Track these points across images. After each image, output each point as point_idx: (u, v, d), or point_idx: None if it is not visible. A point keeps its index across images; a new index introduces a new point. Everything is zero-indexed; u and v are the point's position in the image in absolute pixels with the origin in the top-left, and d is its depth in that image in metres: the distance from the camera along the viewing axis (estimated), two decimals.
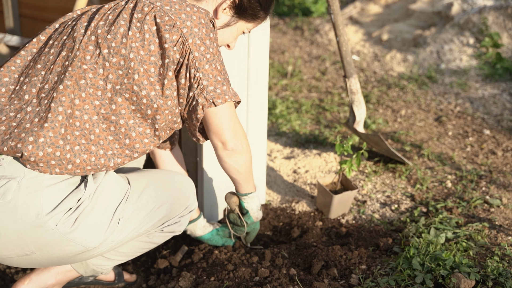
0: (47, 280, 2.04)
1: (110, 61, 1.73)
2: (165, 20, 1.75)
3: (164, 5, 1.78)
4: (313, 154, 3.20)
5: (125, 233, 1.82)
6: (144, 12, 1.76)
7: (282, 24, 6.24)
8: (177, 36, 1.74)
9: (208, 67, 1.78)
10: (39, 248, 1.71)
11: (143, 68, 1.74)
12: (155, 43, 1.75)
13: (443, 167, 3.09)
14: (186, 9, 1.78)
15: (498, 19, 4.92)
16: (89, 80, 1.73)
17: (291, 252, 2.30)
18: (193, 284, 2.12)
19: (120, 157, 1.78)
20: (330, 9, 2.79)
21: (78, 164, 1.70)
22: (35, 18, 4.04)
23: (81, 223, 1.71)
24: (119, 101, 1.76)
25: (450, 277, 2.05)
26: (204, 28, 1.78)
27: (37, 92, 1.74)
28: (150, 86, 1.75)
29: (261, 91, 2.50)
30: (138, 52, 1.73)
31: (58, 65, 1.76)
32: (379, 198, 2.82)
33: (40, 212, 1.66)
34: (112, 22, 1.76)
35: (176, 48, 1.74)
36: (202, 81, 1.78)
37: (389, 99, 4.15)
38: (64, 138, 1.68)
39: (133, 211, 1.83)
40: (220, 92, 1.80)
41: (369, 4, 6.11)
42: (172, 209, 1.95)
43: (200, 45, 1.77)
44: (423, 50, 4.97)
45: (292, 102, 4.09)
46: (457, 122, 3.71)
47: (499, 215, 2.62)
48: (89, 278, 2.20)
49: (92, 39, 1.75)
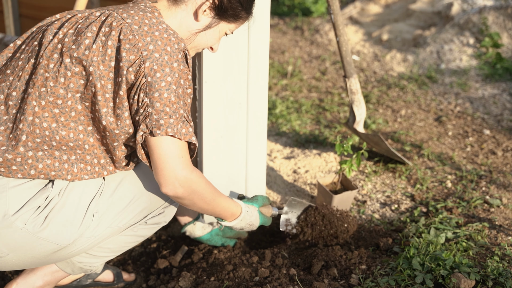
0: (34, 283, 2.03)
1: (72, 70, 1.71)
2: (128, 38, 1.70)
3: (134, 23, 1.73)
4: (313, 154, 3.20)
5: (102, 228, 1.81)
6: (112, 26, 1.73)
7: (282, 24, 6.24)
8: (135, 57, 1.69)
9: (157, 95, 1.69)
10: (11, 249, 1.71)
11: (100, 83, 1.70)
12: (115, 60, 1.71)
13: (443, 167, 3.09)
14: (155, 33, 1.72)
15: (498, 19, 4.92)
16: (49, 89, 1.72)
17: (291, 252, 2.30)
18: (193, 284, 2.12)
19: (82, 163, 1.77)
20: (330, 9, 2.79)
21: (41, 169, 1.70)
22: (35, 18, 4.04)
23: (52, 221, 1.71)
24: (79, 108, 1.75)
25: (450, 277, 2.05)
26: (166, 56, 1.70)
27: (5, 99, 1.74)
28: (104, 103, 1.72)
29: (261, 91, 2.50)
30: (98, 67, 1.70)
31: (26, 72, 1.75)
32: (379, 198, 2.82)
33: (7, 213, 1.65)
34: (80, 32, 1.74)
35: (132, 68, 1.69)
36: (148, 107, 1.70)
37: (389, 99, 4.15)
38: (25, 145, 1.68)
39: (109, 205, 1.81)
40: (163, 123, 1.69)
41: (369, 4, 6.11)
42: (153, 200, 1.92)
43: (156, 71, 1.69)
44: (423, 50, 4.97)
45: (292, 102, 4.09)
46: (457, 122, 3.72)
47: (499, 215, 2.62)
48: (87, 281, 2.19)
49: (59, 47, 1.73)
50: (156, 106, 1.69)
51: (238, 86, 2.42)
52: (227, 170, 2.53)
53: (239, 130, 2.51)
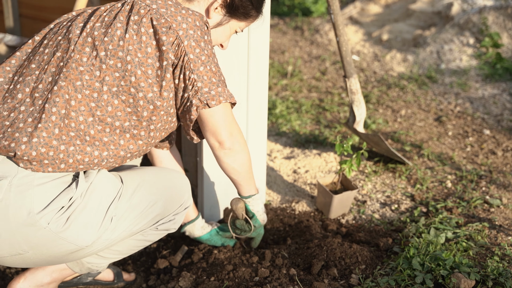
0: (42, 278, 2.04)
1: (107, 63, 1.74)
2: (161, 22, 1.76)
3: (160, 7, 1.79)
4: (313, 154, 3.20)
5: (118, 232, 1.82)
6: (141, 14, 1.77)
7: (282, 24, 6.24)
8: (173, 38, 1.75)
9: (203, 69, 1.79)
10: (32, 247, 1.71)
11: (141, 70, 1.75)
12: (152, 46, 1.76)
13: (443, 167, 3.09)
14: (182, 11, 1.79)
15: (498, 19, 4.92)
16: (85, 82, 1.73)
17: (291, 252, 2.30)
18: (193, 284, 2.12)
19: (114, 158, 1.79)
20: (330, 9, 2.79)
21: (71, 164, 1.71)
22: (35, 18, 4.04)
23: (73, 222, 1.72)
24: (115, 103, 1.76)
25: (450, 277, 2.05)
26: (199, 30, 1.79)
27: (31, 92, 1.74)
28: (148, 88, 1.76)
29: (261, 91, 2.50)
30: (135, 55, 1.74)
31: (52, 65, 1.76)
32: (379, 198, 2.82)
33: (32, 211, 1.66)
34: (109, 24, 1.77)
35: (171, 49, 1.75)
36: (196, 82, 1.79)
37: (389, 99, 4.15)
38: (59, 139, 1.68)
39: (126, 209, 1.83)
40: (214, 93, 1.81)
41: (369, 4, 6.11)
42: (166, 207, 1.95)
43: (195, 47, 1.78)
44: (423, 50, 4.97)
45: (292, 102, 4.09)
46: (457, 122, 3.72)
47: (499, 215, 2.62)
48: (87, 278, 2.20)
49: (89, 40, 1.76)
50: (204, 79, 1.79)
51: (238, 86, 2.42)
52: None
53: None
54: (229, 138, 1.89)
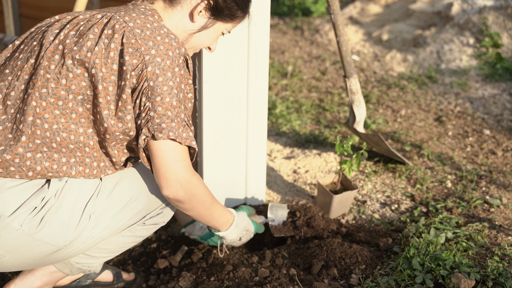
0: (32, 283, 2.02)
1: (74, 72, 1.71)
2: (131, 42, 1.70)
3: (136, 27, 1.73)
4: (313, 154, 3.20)
5: (99, 229, 1.80)
6: (115, 29, 1.73)
7: (282, 24, 6.24)
8: (137, 61, 1.70)
9: (159, 99, 1.71)
10: (8, 250, 1.70)
11: (102, 85, 1.71)
12: (118, 63, 1.71)
13: (443, 167, 3.09)
14: (157, 38, 1.73)
15: (498, 19, 4.93)
16: (50, 90, 1.71)
17: (291, 252, 2.30)
18: (193, 284, 2.12)
19: (81, 165, 1.76)
20: (330, 9, 2.79)
21: (39, 171, 1.69)
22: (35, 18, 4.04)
23: (48, 222, 1.70)
24: (80, 111, 1.75)
25: (450, 277, 2.05)
26: (168, 60, 1.71)
27: (3, 98, 1.73)
28: (105, 105, 1.72)
29: (261, 91, 2.50)
30: (100, 69, 1.70)
31: (25, 72, 1.74)
32: (379, 198, 2.82)
33: (3, 214, 1.65)
34: (82, 34, 1.74)
35: (134, 73, 1.70)
36: (150, 111, 1.72)
37: (389, 99, 4.15)
38: (25, 146, 1.68)
39: (106, 205, 1.81)
40: (165, 127, 1.71)
41: (369, 4, 6.11)
42: (151, 200, 1.92)
43: (158, 75, 1.70)
44: (423, 50, 4.97)
45: (292, 102, 4.09)
46: (457, 122, 3.72)
47: (499, 215, 2.62)
48: (86, 281, 2.19)
49: (60, 48, 1.73)
50: (158, 110, 1.71)
51: (238, 86, 2.42)
52: (227, 170, 2.53)
53: (239, 130, 2.51)
54: (166, 186, 1.75)
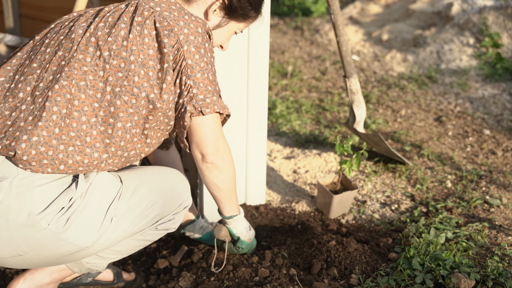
0: (42, 279, 2.04)
1: (110, 63, 1.73)
2: (164, 25, 1.76)
3: (164, 10, 1.79)
4: (313, 154, 3.20)
5: (118, 232, 1.82)
6: (144, 16, 1.77)
7: (282, 24, 6.24)
8: (173, 42, 1.75)
9: (200, 75, 1.78)
10: (32, 248, 1.71)
11: (144, 70, 1.75)
12: (154, 48, 1.76)
13: (443, 167, 3.09)
14: (185, 17, 1.79)
15: (498, 19, 4.92)
16: (89, 82, 1.73)
17: (291, 252, 2.30)
18: (193, 284, 2.12)
19: (112, 158, 1.78)
20: (330, 9, 2.79)
21: (71, 165, 1.70)
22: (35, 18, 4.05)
23: (73, 223, 1.71)
24: (118, 104, 1.75)
25: (450, 277, 2.05)
26: (200, 37, 1.78)
27: (32, 90, 1.74)
28: (150, 89, 1.76)
29: (261, 91, 2.50)
30: (138, 55, 1.74)
31: (54, 64, 1.76)
32: (379, 198, 2.82)
33: (32, 212, 1.65)
34: (113, 25, 1.77)
35: (172, 53, 1.75)
36: (192, 89, 1.78)
37: (389, 99, 4.15)
38: (58, 138, 1.68)
39: (126, 209, 1.83)
40: (209, 101, 1.80)
41: (369, 4, 6.11)
42: (166, 206, 1.95)
43: (195, 53, 1.77)
44: (423, 50, 4.97)
45: (292, 102, 4.09)
46: (457, 122, 3.72)
47: (499, 215, 2.62)
48: (87, 279, 2.19)
49: (92, 40, 1.76)
50: (200, 86, 1.78)
51: (238, 86, 2.42)
52: None
53: (239, 130, 2.51)
54: (213, 152, 1.86)
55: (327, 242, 2.27)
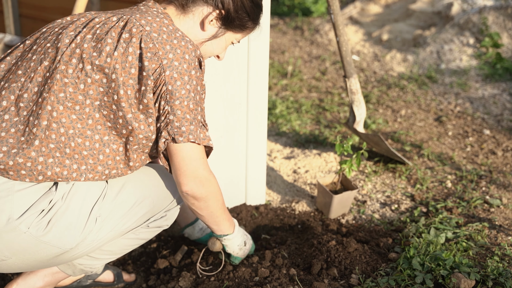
0: (34, 283, 2.02)
1: (92, 77, 1.71)
2: (149, 46, 1.71)
3: (153, 31, 1.74)
4: (313, 154, 3.20)
5: (104, 232, 1.80)
6: (132, 33, 1.73)
7: (282, 24, 6.24)
8: (155, 65, 1.71)
9: (178, 103, 1.74)
10: (14, 253, 1.70)
11: (123, 90, 1.72)
12: (136, 67, 1.72)
13: (443, 167, 3.09)
14: (173, 41, 1.74)
15: (498, 19, 4.92)
16: (68, 94, 1.71)
17: (291, 252, 2.30)
18: (193, 284, 2.12)
19: (92, 173, 1.76)
20: (330, 9, 2.79)
21: (49, 176, 1.69)
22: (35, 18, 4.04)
23: (55, 225, 1.70)
24: (97, 117, 1.74)
25: (450, 277, 2.05)
26: (185, 64, 1.74)
27: (16, 100, 1.72)
28: (128, 109, 1.73)
29: (261, 91, 2.50)
30: (120, 74, 1.71)
31: (39, 75, 1.73)
32: (379, 198, 2.82)
33: (11, 217, 1.65)
34: (100, 39, 1.73)
35: (152, 77, 1.71)
36: (169, 115, 1.74)
37: (389, 99, 4.15)
38: (38, 150, 1.67)
39: (112, 208, 1.81)
40: (184, 130, 1.75)
41: (369, 4, 6.11)
42: (156, 203, 1.93)
43: (176, 79, 1.73)
44: (423, 50, 4.97)
45: (292, 102, 4.09)
46: (457, 122, 3.72)
47: (499, 215, 2.62)
48: (87, 281, 2.19)
49: (77, 52, 1.72)
50: (177, 114, 1.74)
51: (238, 86, 2.42)
52: (227, 170, 2.53)
53: (239, 130, 2.51)
54: (187, 183, 1.80)
55: (327, 242, 2.27)
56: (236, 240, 2.13)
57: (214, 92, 2.36)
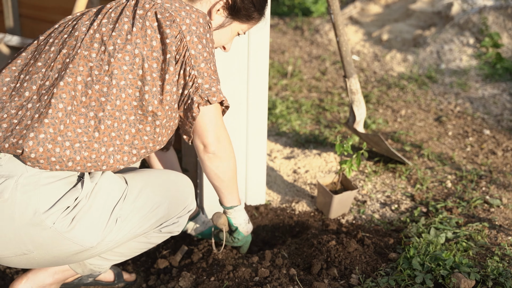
0: (44, 279, 2.04)
1: (115, 56, 1.74)
2: (166, 16, 1.77)
3: (165, 2, 1.81)
4: (313, 154, 3.20)
5: (122, 233, 1.82)
6: (146, 8, 1.78)
7: (282, 24, 6.24)
8: (175, 32, 1.76)
9: (204, 65, 1.79)
10: (37, 247, 1.71)
11: (147, 63, 1.75)
12: (157, 39, 1.76)
13: (443, 167, 3.09)
14: (186, 7, 1.81)
15: (498, 19, 4.92)
16: (95, 77, 1.73)
17: (291, 252, 2.30)
18: (193, 284, 2.12)
19: (119, 153, 1.77)
20: (330, 9, 2.79)
21: (79, 161, 1.70)
22: (35, 18, 4.04)
23: (78, 222, 1.71)
24: (123, 97, 1.76)
25: (450, 277, 2.05)
26: (201, 28, 1.80)
27: (38, 89, 1.74)
28: (152, 82, 1.76)
29: (261, 91, 2.50)
30: (143, 48, 1.75)
31: (58, 62, 1.76)
32: (379, 198, 2.82)
33: (38, 211, 1.65)
34: (116, 20, 1.79)
35: (175, 44, 1.76)
36: (197, 79, 1.79)
37: (389, 99, 4.15)
38: (64, 135, 1.67)
39: (131, 210, 1.83)
40: (215, 90, 1.82)
41: (369, 4, 6.11)
42: (171, 209, 1.95)
43: (197, 43, 1.78)
44: (423, 50, 4.97)
45: (292, 102, 4.09)
46: (457, 122, 3.72)
47: (499, 215, 2.62)
48: (88, 279, 2.19)
49: (97, 36, 1.77)
50: (205, 76, 1.80)
51: (238, 86, 2.42)
52: None
53: (239, 130, 2.51)
54: (214, 142, 1.89)
55: (327, 242, 2.27)
56: (243, 214, 2.18)
57: None
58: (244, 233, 2.21)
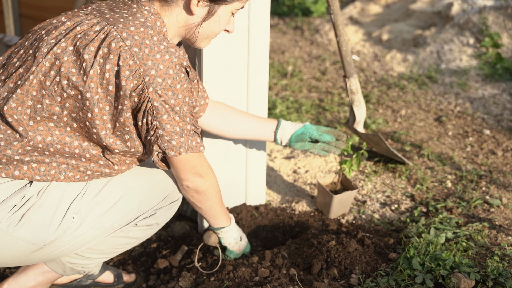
0: (25, 283, 2.02)
1: (68, 92, 1.70)
2: (128, 64, 1.68)
3: (134, 46, 1.69)
4: (313, 154, 3.21)
5: (84, 229, 1.79)
6: (111, 48, 1.68)
7: (282, 24, 6.24)
8: (137, 82, 1.69)
9: (166, 117, 1.73)
10: None
11: (98, 107, 1.71)
12: (113, 84, 1.69)
13: (443, 167, 3.09)
14: (156, 56, 1.69)
15: (498, 19, 4.92)
16: (45, 106, 1.71)
17: (291, 252, 2.30)
18: (193, 284, 2.12)
19: (72, 172, 1.77)
20: (330, 9, 2.79)
21: (26, 172, 1.70)
22: (35, 18, 4.05)
23: (28, 220, 1.70)
24: (74, 126, 1.75)
25: (450, 277, 2.05)
26: (169, 79, 1.71)
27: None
28: (102, 126, 1.73)
29: (261, 91, 2.50)
30: (96, 92, 1.69)
31: (11, 80, 1.72)
32: (379, 198, 2.82)
33: None
34: (78, 54, 1.69)
35: (135, 93, 1.70)
36: (158, 129, 1.75)
37: (389, 99, 4.15)
38: (14, 150, 1.68)
39: (93, 205, 1.80)
40: (175, 144, 1.77)
41: (369, 4, 6.11)
42: (143, 201, 1.91)
43: (161, 95, 1.71)
44: (423, 50, 4.97)
45: (292, 102, 4.09)
46: (457, 122, 3.72)
47: (499, 215, 2.62)
48: (87, 281, 2.19)
49: (56, 64, 1.69)
50: (167, 128, 1.75)
51: (238, 86, 2.42)
52: (227, 170, 2.53)
53: None
54: (188, 178, 1.88)
55: (327, 242, 2.27)
56: (233, 234, 2.16)
57: (214, 92, 2.36)
58: (236, 251, 2.21)
